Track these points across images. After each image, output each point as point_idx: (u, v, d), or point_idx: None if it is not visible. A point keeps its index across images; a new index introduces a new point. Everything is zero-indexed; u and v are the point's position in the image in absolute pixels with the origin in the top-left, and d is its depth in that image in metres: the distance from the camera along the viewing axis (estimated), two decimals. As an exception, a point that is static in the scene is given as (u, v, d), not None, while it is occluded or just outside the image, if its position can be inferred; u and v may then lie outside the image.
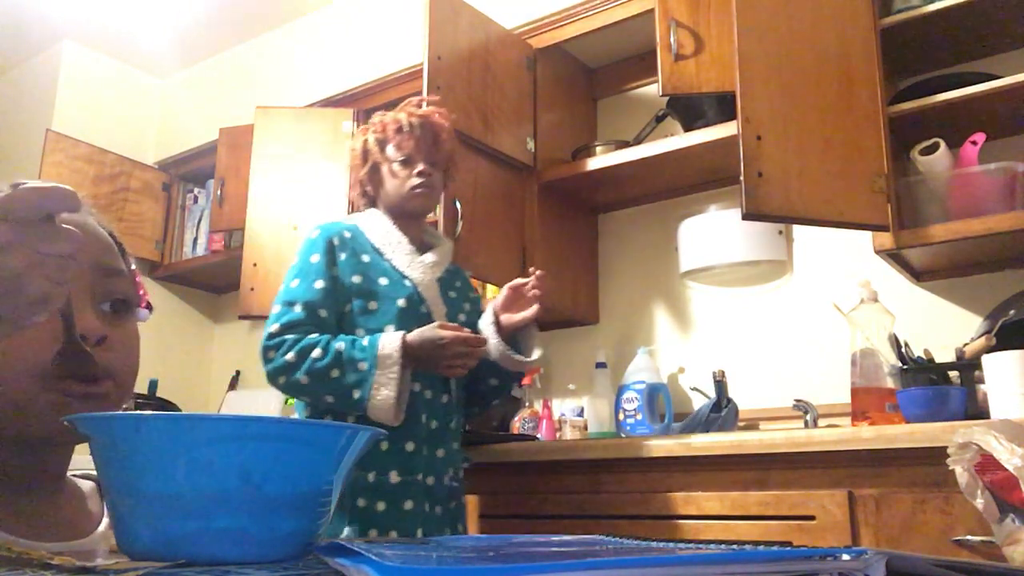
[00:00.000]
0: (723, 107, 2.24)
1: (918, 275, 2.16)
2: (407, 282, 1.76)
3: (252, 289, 2.96)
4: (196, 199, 3.75)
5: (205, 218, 3.62)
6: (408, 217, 1.83)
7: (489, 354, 1.75)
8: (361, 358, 1.60)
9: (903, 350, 1.82)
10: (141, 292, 0.83)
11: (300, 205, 3.04)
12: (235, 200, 3.21)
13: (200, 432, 0.48)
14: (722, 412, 2.15)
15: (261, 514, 0.48)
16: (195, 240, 3.65)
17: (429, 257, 1.82)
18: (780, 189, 1.83)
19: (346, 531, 1.62)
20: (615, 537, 0.59)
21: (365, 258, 1.76)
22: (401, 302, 1.72)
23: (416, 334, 1.64)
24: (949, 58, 2.14)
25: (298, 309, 1.67)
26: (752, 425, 2.29)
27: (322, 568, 0.48)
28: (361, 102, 3.13)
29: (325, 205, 3.03)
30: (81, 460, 0.73)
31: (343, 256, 1.73)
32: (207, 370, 3.82)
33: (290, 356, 1.62)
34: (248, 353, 3.69)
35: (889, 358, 1.81)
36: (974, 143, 1.91)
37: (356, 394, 1.60)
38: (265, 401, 3.31)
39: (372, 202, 1.87)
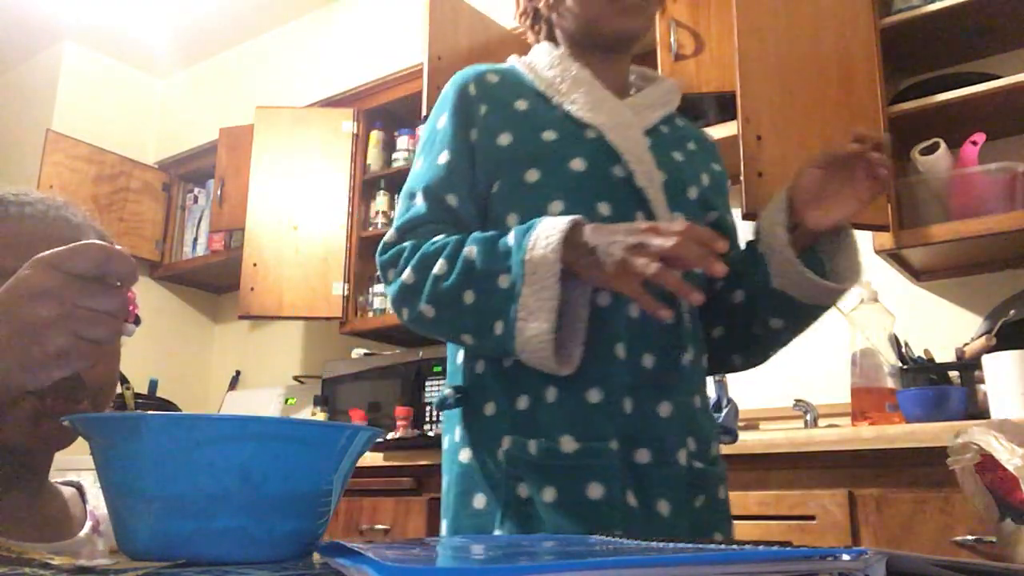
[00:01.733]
0: (723, 107, 2.24)
1: (918, 275, 2.16)
2: (589, 132, 1.06)
3: (252, 289, 2.96)
4: (196, 199, 3.75)
5: (205, 218, 3.62)
6: (604, 49, 1.14)
7: (768, 278, 1.08)
8: (502, 268, 0.94)
9: (903, 350, 1.82)
10: (132, 308, 0.83)
11: (300, 205, 3.04)
12: (235, 200, 3.22)
13: (200, 432, 0.48)
14: (722, 412, 2.15)
15: (261, 514, 0.48)
16: (195, 240, 3.66)
17: (636, 99, 1.14)
18: (780, 189, 1.83)
19: (497, 534, 0.98)
20: (615, 537, 0.59)
21: (521, 105, 1.09)
22: (576, 163, 1.04)
23: (598, 225, 0.94)
24: (949, 58, 2.14)
25: (419, 201, 1.05)
26: (752, 425, 2.29)
27: (322, 568, 0.48)
28: (361, 102, 3.13)
29: (325, 205, 3.04)
30: (77, 460, 0.73)
31: (483, 109, 1.08)
32: (207, 370, 3.83)
33: (407, 276, 1.00)
34: (248, 353, 3.70)
35: (889, 358, 1.81)
36: (974, 143, 1.91)
37: (498, 328, 0.94)
38: (265, 401, 3.31)
39: (548, 27, 1.18)
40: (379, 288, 3.00)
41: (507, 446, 1.00)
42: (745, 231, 1.29)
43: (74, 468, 0.85)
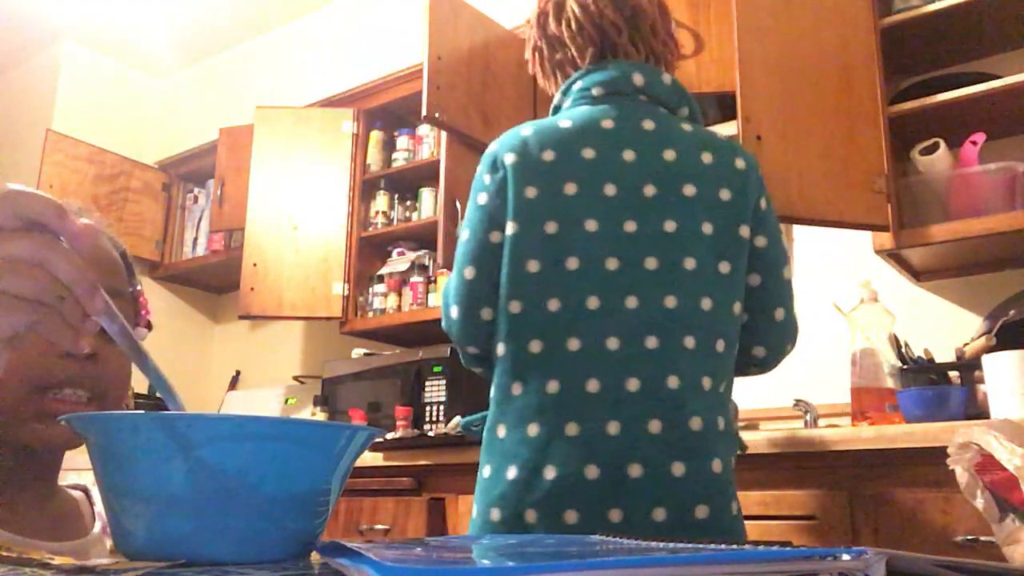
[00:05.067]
0: (723, 107, 2.24)
1: (918, 275, 2.16)
2: None
3: (252, 289, 2.96)
4: (196, 199, 3.75)
5: (205, 218, 3.62)
6: None
7: None
8: None
9: (903, 350, 1.82)
10: (144, 312, 0.83)
11: (300, 205, 3.04)
12: (235, 200, 3.22)
13: (197, 432, 0.48)
14: (722, 412, 2.15)
15: (259, 514, 0.48)
16: (195, 240, 3.66)
17: None
18: (780, 189, 1.83)
19: None
20: (615, 537, 0.59)
21: None
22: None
23: None
24: (949, 58, 2.14)
25: None
26: (752, 425, 2.29)
27: (322, 568, 0.48)
28: (361, 102, 3.13)
29: (325, 205, 3.04)
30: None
31: None
32: (207, 370, 3.83)
33: None
34: (248, 353, 3.70)
35: (889, 358, 1.81)
36: (974, 143, 1.91)
37: None
38: (265, 401, 3.31)
39: None
40: (379, 288, 3.00)
41: None
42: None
43: (74, 468, 0.85)
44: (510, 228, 1.21)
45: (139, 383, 3.42)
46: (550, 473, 1.12)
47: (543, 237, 1.19)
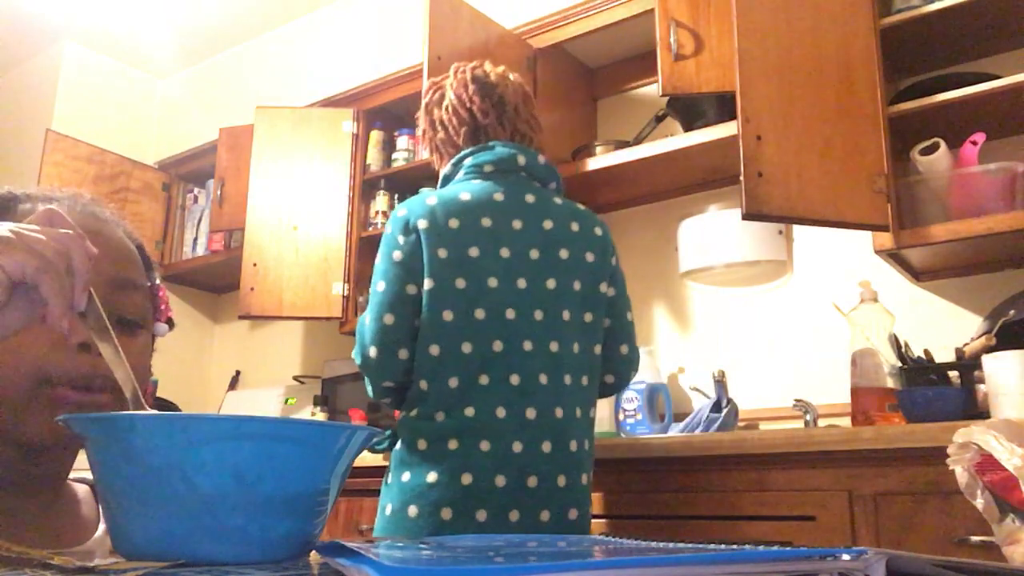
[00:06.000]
0: (723, 107, 2.24)
1: (918, 275, 2.16)
2: None
3: (252, 289, 2.96)
4: (196, 199, 3.75)
5: (205, 218, 3.62)
6: None
7: None
8: None
9: (903, 350, 1.82)
10: (163, 307, 0.83)
11: (300, 205, 3.04)
12: (235, 200, 3.21)
13: (194, 432, 0.47)
14: (722, 412, 2.15)
15: (256, 514, 0.48)
16: (195, 240, 3.65)
17: None
18: (780, 189, 1.83)
19: None
20: (615, 537, 0.59)
21: None
22: None
23: None
24: (949, 58, 2.14)
25: None
26: (752, 425, 2.29)
27: (322, 568, 0.48)
28: (361, 102, 3.13)
29: (325, 205, 3.04)
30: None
31: None
32: (207, 370, 3.83)
33: None
34: (248, 353, 3.69)
35: (889, 358, 1.81)
36: (974, 143, 1.91)
37: None
38: (265, 401, 3.31)
39: None
40: (379, 288, 3.00)
41: None
42: (739, 234, 1.33)
43: (74, 468, 0.84)
44: (428, 283, 1.46)
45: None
46: (466, 479, 1.39)
47: (455, 292, 1.46)
